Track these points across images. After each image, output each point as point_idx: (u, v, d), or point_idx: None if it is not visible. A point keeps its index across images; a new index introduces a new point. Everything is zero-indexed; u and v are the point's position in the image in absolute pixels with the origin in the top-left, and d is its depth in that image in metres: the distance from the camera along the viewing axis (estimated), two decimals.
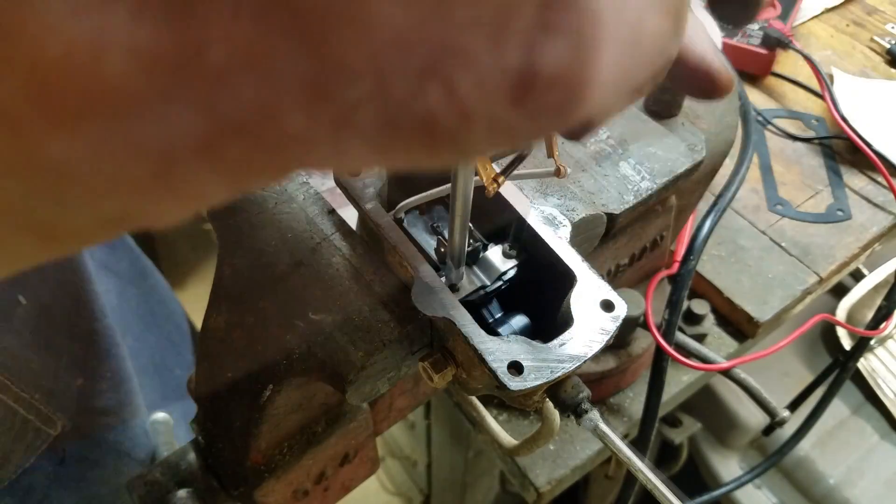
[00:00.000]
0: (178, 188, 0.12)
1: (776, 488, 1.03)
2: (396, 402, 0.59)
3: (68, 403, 0.63)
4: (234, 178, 0.12)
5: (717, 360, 0.68)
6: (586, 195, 0.48)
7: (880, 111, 0.93)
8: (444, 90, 0.10)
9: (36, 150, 0.11)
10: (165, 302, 0.90)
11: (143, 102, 0.11)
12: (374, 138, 0.11)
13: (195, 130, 0.11)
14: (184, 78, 0.10)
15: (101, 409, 0.66)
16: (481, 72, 0.10)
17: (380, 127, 0.11)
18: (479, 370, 0.36)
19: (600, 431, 0.39)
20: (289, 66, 0.10)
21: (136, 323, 0.80)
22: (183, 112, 0.11)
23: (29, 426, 0.58)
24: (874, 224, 0.85)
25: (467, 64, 0.10)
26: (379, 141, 0.11)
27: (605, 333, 0.36)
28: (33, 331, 0.60)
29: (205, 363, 0.46)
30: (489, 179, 0.33)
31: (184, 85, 0.11)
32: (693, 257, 0.66)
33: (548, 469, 0.71)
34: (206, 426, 0.49)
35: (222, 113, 0.11)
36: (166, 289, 0.91)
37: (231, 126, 0.11)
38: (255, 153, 0.12)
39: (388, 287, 0.41)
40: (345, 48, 0.10)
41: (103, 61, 0.10)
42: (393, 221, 0.41)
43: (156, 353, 0.83)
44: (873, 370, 1.02)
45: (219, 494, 0.51)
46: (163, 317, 0.88)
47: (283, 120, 0.11)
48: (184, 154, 0.11)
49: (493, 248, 0.42)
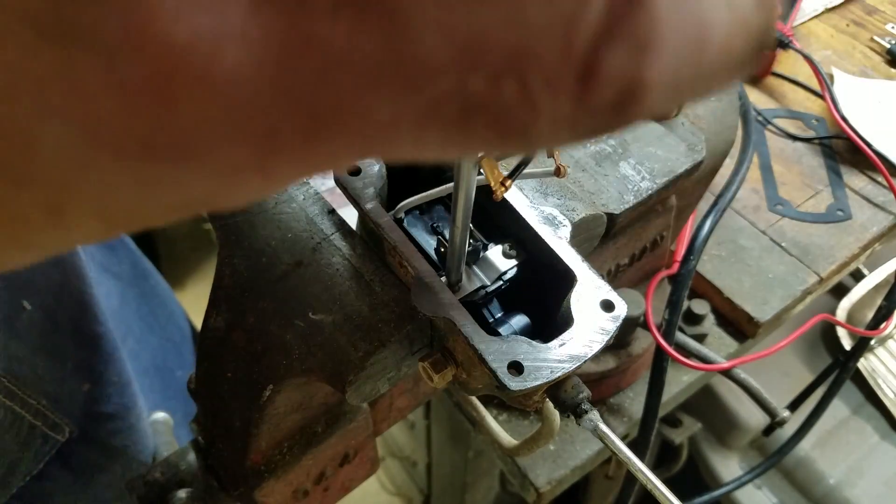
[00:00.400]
0: (271, 172, 0.13)
1: (776, 488, 1.03)
2: (396, 402, 0.59)
3: (75, 409, 0.62)
4: (319, 163, 0.13)
5: (717, 360, 0.68)
6: (586, 195, 0.48)
7: (880, 111, 0.93)
8: (518, 87, 0.12)
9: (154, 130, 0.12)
10: (166, 303, 0.90)
11: (254, 91, 0.12)
12: (453, 129, 0.12)
13: (298, 120, 0.12)
14: (291, 69, 0.12)
15: (108, 413, 0.66)
16: (550, 71, 0.12)
17: (459, 119, 0.12)
18: (479, 370, 0.36)
19: (600, 431, 0.39)
20: (383, 61, 0.11)
21: (137, 325, 0.80)
22: (288, 103, 0.12)
23: (37, 432, 0.58)
24: (874, 224, 0.85)
25: (538, 65, 0.12)
26: (457, 131, 0.13)
27: (605, 333, 0.36)
28: (39, 336, 0.60)
29: (205, 363, 0.46)
30: (497, 183, 0.33)
31: (291, 76, 0.12)
32: (693, 257, 0.66)
33: (548, 469, 0.71)
34: (206, 426, 0.49)
35: (322, 104, 0.12)
36: (167, 290, 0.91)
37: (329, 115, 0.12)
38: (343, 140, 0.13)
39: (388, 287, 0.41)
40: (433, 48, 0.11)
41: (222, 50, 0.11)
42: (393, 221, 0.41)
43: (157, 354, 0.83)
44: (873, 370, 1.02)
45: (219, 494, 0.51)
46: (164, 318, 0.88)
47: (376, 111, 0.12)
48: (285, 141, 0.12)
49: (493, 247, 0.42)
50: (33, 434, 0.58)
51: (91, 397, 0.64)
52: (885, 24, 1.09)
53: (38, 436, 0.58)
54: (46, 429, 0.59)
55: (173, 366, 0.86)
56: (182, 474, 0.51)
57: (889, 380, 1.01)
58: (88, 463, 0.65)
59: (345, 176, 0.42)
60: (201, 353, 0.46)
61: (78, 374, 0.63)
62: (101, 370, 0.66)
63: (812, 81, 0.98)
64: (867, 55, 1.05)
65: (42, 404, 0.58)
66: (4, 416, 0.56)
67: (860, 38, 1.08)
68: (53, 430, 0.60)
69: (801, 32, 1.08)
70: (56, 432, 0.60)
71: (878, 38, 1.06)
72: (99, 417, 0.65)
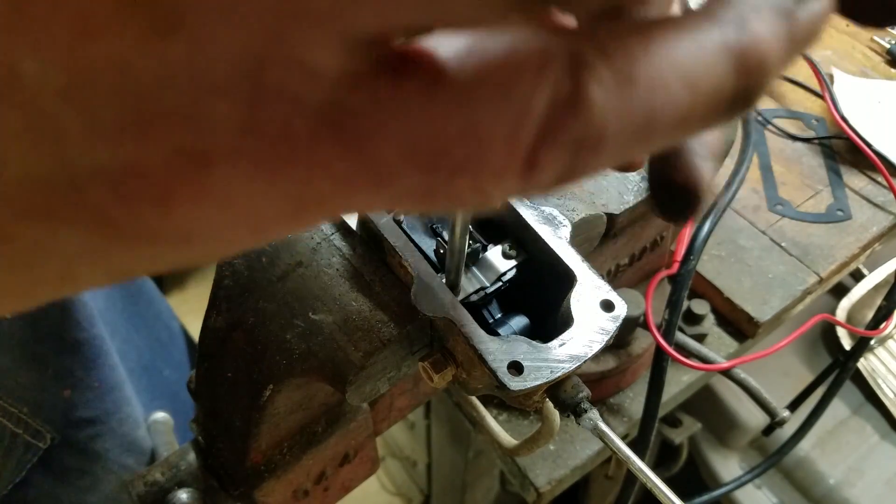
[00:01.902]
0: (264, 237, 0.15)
1: (776, 488, 1.03)
2: (396, 402, 0.59)
3: (55, 415, 0.62)
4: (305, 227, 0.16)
5: (717, 360, 0.68)
6: (586, 195, 0.48)
7: (880, 111, 0.93)
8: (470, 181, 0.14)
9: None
10: (153, 302, 0.90)
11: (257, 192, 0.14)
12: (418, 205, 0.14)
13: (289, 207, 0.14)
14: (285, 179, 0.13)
15: (88, 419, 0.66)
16: (498, 168, 0.13)
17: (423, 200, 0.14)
18: (479, 370, 0.36)
19: (600, 430, 0.39)
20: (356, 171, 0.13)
21: (122, 325, 0.80)
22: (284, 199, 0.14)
23: (19, 440, 0.59)
24: (874, 224, 0.85)
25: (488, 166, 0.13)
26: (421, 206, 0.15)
27: (605, 333, 0.36)
28: (19, 344, 0.59)
29: (205, 363, 0.46)
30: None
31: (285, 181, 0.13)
32: (693, 257, 0.66)
33: (548, 469, 0.71)
34: (206, 426, 0.49)
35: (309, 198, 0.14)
36: (153, 290, 0.91)
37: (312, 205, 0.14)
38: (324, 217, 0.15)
39: (388, 287, 0.41)
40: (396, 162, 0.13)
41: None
42: (393, 222, 0.41)
43: (144, 354, 0.83)
44: (873, 370, 1.02)
45: (219, 494, 0.51)
46: (151, 318, 0.88)
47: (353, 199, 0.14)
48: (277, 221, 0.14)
49: (492, 248, 0.42)
50: (15, 443, 0.58)
51: (71, 403, 0.64)
52: None
53: (20, 444, 0.59)
54: (28, 437, 0.59)
55: (161, 365, 0.86)
56: (182, 474, 0.51)
57: (889, 380, 1.01)
58: (69, 468, 0.65)
59: None
60: (201, 353, 0.46)
61: (58, 380, 0.63)
62: (82, 376, 0.66)
63: (812, 81, 0.98)
64: (867, 55, 1.05)
65: (23, 412, 0.59)
66: None
67: (860, 38, 1.08)
68: (35, 437, 0.60)
69: None
70: (37, 440, 0.60)
71: (878, 38, 1.06)
72: (79, 423, 0.65)
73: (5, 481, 0.58)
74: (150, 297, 0.90)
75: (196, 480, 0.51)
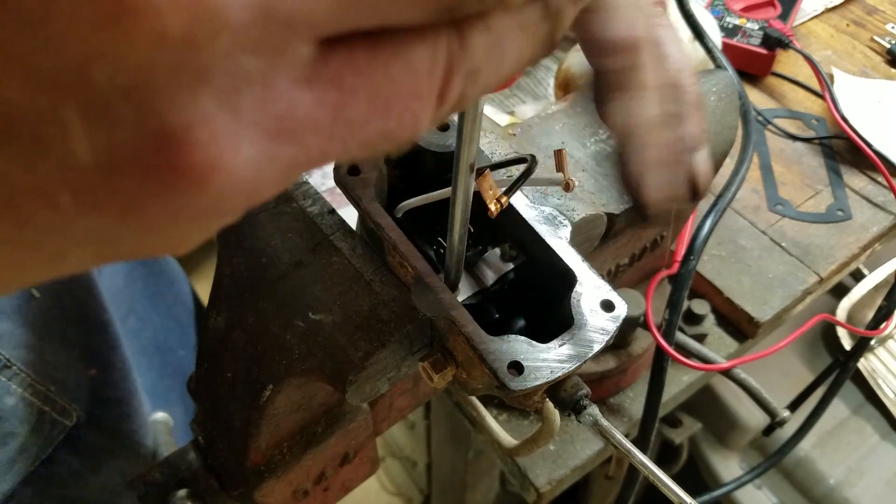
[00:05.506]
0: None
1: (776, 488, 1.03)
2: (396, 402, 0.59)
3: (82, 394, 0.64)
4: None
5: (718, 360, 0.68)
6: (586, 195, 0.48)
7: (880, 111, 0.93)
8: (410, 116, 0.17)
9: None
10: (175, 282, 0.91)
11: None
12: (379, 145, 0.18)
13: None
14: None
15: (115, 399, 0.68)
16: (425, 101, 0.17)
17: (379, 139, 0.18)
18: (479, 370, 0.36)
19: (600, 425, 0.39)
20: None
21: (140, 303, 0.81)
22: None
23: (46, 417, 0.59)
24: (874, 224, 0.85)
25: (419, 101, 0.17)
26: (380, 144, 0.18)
27: (605, 333, 0.36)
28: (47, 323, 0.61)
29: (205, 363, 0.46)
30: (493, 200, 0.33)
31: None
32: (693, 257, 0.65)
33: (548, 469, 0.71)
34: (206, 426, 0.49)
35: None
36: (178, 270, 0.92)
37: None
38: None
39: (388, 287, 0.41)
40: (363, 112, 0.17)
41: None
42: (393, 222, 0.41)
43: (158, 333, 0.84)
44: (873, 370, 1.02)
45: (219, 494, 0.51)
46: (171, 298, 0.89)
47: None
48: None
49: (492, 249, 0.42)
50: (42, 419, 0.59)
51: (97, 383, 0.65)
52: (885, 24, 1.09)
53: (47, 421, 0.59)
54: (55, 414, 0.60)
55: (175, 345, 0.87)
56: (182, 474, 0.51)
57: (889, 380, 1.01)
58: (97, 448, 0.65)
59: (345, 176, 0.42)
60: (201, 353, 0.46)
61: (84, 359, 0.65)
62: (107, 356, 0.67)
63: (812, 81, 0.98)
64: (867, 55, 1.05)
65: (51, 390, 0.59)
66: (16, 402, 0.56)
67: (860, 38, 1.08)
68: (62, 414, 0.61)
69: (801, 32, 1.08)
70: (64, 417, 0.61)
71: (878, 38, 1.06)
72: (105, 403, 0.66)
73: (32, 457, 0.59)
74: (173, 277, 0.91)
75: (196, 480, 0.51)
